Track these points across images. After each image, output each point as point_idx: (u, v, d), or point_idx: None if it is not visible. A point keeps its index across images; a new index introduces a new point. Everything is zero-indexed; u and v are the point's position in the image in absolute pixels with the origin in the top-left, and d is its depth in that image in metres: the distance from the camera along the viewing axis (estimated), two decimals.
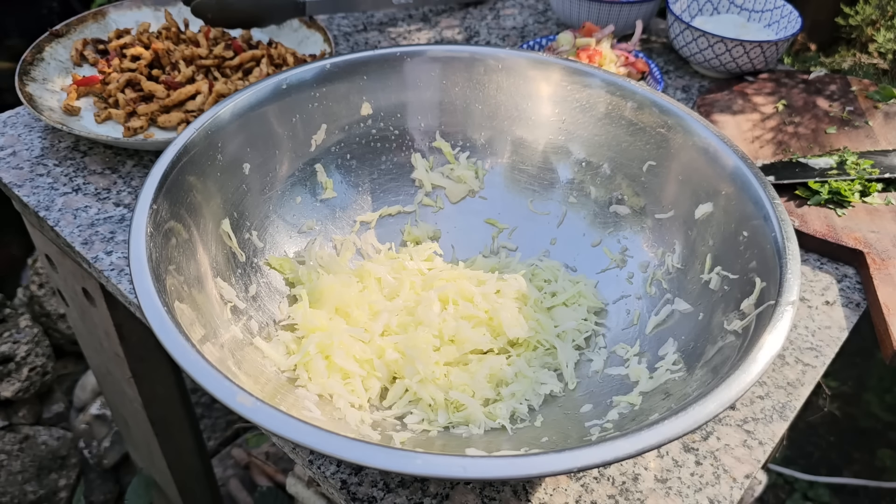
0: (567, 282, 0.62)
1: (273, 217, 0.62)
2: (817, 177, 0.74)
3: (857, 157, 0.77)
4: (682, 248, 0.58)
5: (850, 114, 0.85)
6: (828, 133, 0.82)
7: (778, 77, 0.92)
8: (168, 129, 0.78)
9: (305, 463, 0.50)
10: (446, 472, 0.36)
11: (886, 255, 0.67)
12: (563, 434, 0.50)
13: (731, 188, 0.55)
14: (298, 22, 0.92)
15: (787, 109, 0.86)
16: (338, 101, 0.65)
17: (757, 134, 0.83)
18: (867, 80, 0.93)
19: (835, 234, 0.69)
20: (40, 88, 0.79)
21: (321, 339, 0.54)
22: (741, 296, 0.50)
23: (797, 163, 0.77)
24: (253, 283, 0.58)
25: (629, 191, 0.63)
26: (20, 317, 1.40)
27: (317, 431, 0.37)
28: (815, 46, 1.47)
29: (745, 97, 0.88)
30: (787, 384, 0.58)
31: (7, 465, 1.29)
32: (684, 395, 0.45)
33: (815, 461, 1.57)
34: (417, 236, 0.67)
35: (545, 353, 0.58)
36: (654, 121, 0.61)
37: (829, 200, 0.73)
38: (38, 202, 0.70)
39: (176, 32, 0.87)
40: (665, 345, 0.54)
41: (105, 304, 0.81)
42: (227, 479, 1.45)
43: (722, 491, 0.51)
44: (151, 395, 0.96)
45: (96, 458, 1.44)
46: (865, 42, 1.27)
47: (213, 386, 0.39)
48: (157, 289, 0.44)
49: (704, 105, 0.86)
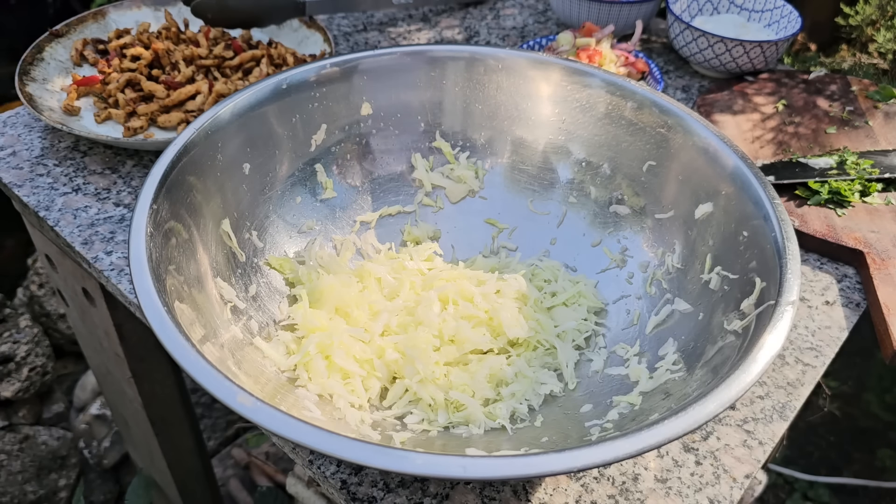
0: (567, 282, 0.62)
1: (273, 217, 0.62)
2: (817, 177, 0.74)
3: (857, 156, 0.77)
4: (682, 248, 0.58)
5: (850, 114, 0.85)
6: (828, 133, 0.82)
7: (778, 77, 0.92)
8: (168, 129, 0.78)
9: (305, 463, 0.50)
10: (446, 472, 0.36)
11: (886, 255, 0.67)
12: (563, 434, 0.50)
13: (731, 188, 0.55)
14: (298, 22, 0.92)
15: (787, 109, 0.86)
16: (338, 101, 0.65)
17: (757, 134, 0.83)
18: (867, 80, 0.93)
19: (835, 234, 0.69)
20: (40, 88, 0.79)
21: (321, 339, 0.54)
22: (741, 296, 0.50)
23: (797, 163, 0.77)
24: (253, 283, 0.58)
25: (629, 191, 0.63)
26: (20, 317, 1.40)
27: (317, 431, 0.37)
28: (815, 46, 1.47)
29: (745, 97, 0.88)
30: (787, 384, 0.59)
31: (7, 465, 1.29)
32: (684, 395, 0.45)
33: (815, 461, 1.57)
34: (417, 236, 0.67)
35: (545, 353, 0.58)
36: (654, 121, 0.61)
37: (829, 200, 0.73)
38: (38, 202, 0.70)
39: (176, 32, 0.87)
40: (665, 345, 0.54)
41: (105, 304, 0.81)
42: (227, 479, 1.45)
43: (722, 491, 0.51)
44: (151, 395, 0.96)
45: (96, 458, 1.44)
46: (865, 42, 1.27)
47: (213, 386, 0.39)
48: (157, 289, 0.44)
49: (704, 105, 0.86)
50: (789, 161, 0.78)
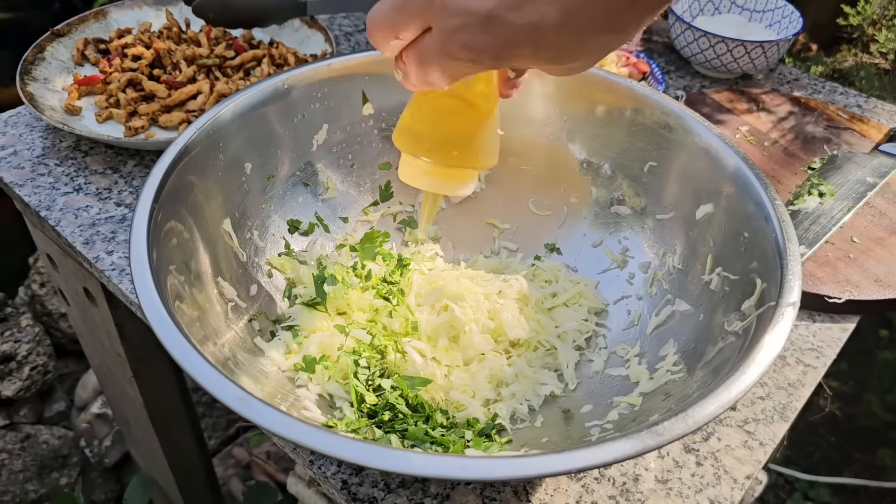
0: (568, 282, 0.62)
1: (274, 217, 0.62)
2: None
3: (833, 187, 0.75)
4: (683, 249, 0.58)
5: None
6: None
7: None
8: (169, 129, 0.78)
9: (306, 463, 0.50)
10: (446, 472, 0.36)
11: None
12: (564, 434, 0.50)
13: (732, 189, 0.55)
14: (300, 22, 0.92)
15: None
16: (339, 100, 0.65)
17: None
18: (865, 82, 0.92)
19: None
20: (41, 88, 0.79)
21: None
22: (742, 297, 0.50)
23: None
24: (254, 283, 0.58)
25: (630, 191, 0.63)
26: (21, 316, 1.40)
27: (317, 431, 0.37)
28: (816, 46, 1.47)
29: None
30: (788, 385, 0.58)
31: (8, 463, 1.29)
32: (685, 396, 0.45)
33: (816, 461, 1.57)
34: (418, 237, 0.67)
35: (546, 354, 0.58)
36: (655, 121, 0.61)
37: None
38: (40, 202, 0.70)
39: (177, 32, 0.87)
40: (665, 345, 0.54)
41: (106, 303, 0.81)
42: (228, 479, 1.45)
43: (722, 492, 0.51)
44: (152, 394, 0.97)
45: (97, 457, 1.44)
46: (867, 42, 1.27)
47: (213, 386, 0.39)
48: (158, 289, 0.44)
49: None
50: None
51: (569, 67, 0.36)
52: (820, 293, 0.63)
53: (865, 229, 0.71)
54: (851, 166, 0.78)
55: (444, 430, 0.51)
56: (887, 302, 0.63)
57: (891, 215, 0.72)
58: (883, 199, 0.74)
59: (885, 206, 0.73)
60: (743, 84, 0.94)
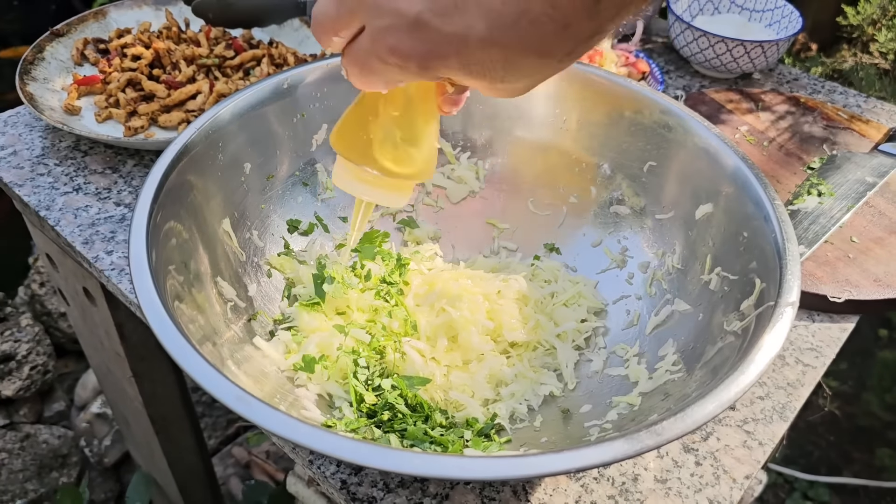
0: (567, 282, 0.62)
1: (274, 217, 0.62)
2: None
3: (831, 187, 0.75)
4: (683, 249, 0.58)
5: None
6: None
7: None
8: (169, 129, 0.78)
9: (305, 463, 0.50)
10: (445, 472, 0.36)
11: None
12: (563, 434, 0.50)
13: (731, 188, 0.55)
14: (299, 21, 0.92)
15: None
16: (339, 100, 0.65)
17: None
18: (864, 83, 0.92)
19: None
20: (41, 88, 0.79)
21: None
22: (741, 296, 0.50)
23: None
24: (253, 283, 0.58)
25: (629, 191, 0.63)
26: (21, 315, 1.40)
27: (316, 431, 0.37)
28: (815, 46, 1.47)
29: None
30: (787, 385, 0.59)
31: (8, 463, 1.29)
32: (684, 396, 0.45)
33: (815, 460, 1.57)
34: (418, 237, 0.67)
35: (545, 354, 0.58)
36: (655, 121, 0.61)
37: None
38: (39, 202, 0.70)
39: (177, 32, 0.87)
40: (665, 345, 0.54)
41: (106, 303, 0.81)
42: (227, 478, 1.45)
43: (722, 491, 0.51)
44: (152, 393, 0.97)
45: (97, 456, 1.44)
46: (867, 42, 1.27)
47: (213, 386, 0.39)
48: (157, 289, 0.44)
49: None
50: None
51: (500, 88, 0.35)
52: (819, 293, 0.63)
53: (865, 229, 0.71)
54: (851, 166, 0.78)
55: (444, 430, 0.51)
56: (887, 302, 0.63)
57: (890, 215, 0.72)
58: (882, 198, 0.75)
59: (885, 206, 0.74)
60: (742, 84, 0.94)
